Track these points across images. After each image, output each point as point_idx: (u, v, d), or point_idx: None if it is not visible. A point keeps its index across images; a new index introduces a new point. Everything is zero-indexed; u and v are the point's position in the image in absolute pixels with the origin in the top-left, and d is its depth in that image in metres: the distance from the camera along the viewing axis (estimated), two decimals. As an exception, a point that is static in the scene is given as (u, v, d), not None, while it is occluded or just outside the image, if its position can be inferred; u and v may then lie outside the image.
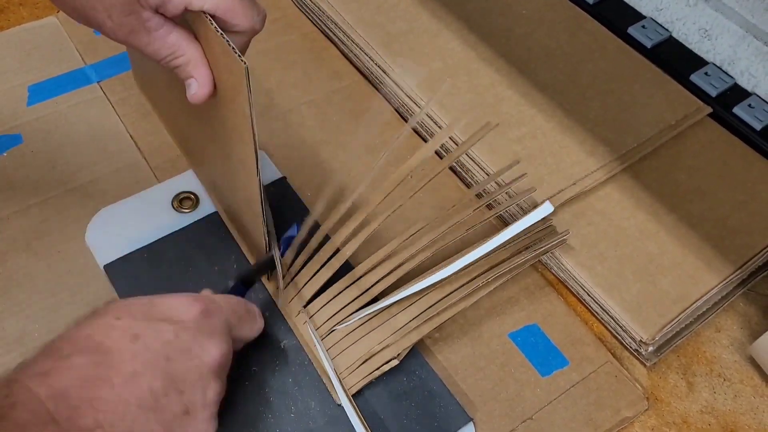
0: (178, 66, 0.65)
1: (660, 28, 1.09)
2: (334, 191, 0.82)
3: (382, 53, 1.01)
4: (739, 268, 0.84)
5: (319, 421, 0.72)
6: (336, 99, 1.01)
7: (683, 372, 0.80)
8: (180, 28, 0.64)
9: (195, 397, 0.59)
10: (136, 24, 0.61)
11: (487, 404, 0.76)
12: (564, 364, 0.79)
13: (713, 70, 1.04)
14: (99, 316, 0.60)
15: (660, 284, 0.82)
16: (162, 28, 0.62)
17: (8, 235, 0.83)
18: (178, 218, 0.85)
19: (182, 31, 0.64)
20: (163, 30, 0.62)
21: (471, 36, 1.05)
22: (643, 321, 0.79)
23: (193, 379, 0.60)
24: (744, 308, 0.85)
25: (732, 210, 0.89)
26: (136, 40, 0.63)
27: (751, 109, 0.99)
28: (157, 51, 0.63)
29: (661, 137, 0.94)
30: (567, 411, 0.76)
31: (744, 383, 0.79)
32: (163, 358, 0.58)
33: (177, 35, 0.63)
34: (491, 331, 0.81)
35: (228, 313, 0.67)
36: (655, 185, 0.90)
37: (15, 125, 0.93)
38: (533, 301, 0.84)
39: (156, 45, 0.63)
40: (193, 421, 0.59)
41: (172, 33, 0.63)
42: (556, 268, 0.85)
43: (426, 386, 0.75)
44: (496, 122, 0.83)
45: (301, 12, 1.12)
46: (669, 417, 0.76)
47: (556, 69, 1.02)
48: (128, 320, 0.59)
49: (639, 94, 0.99)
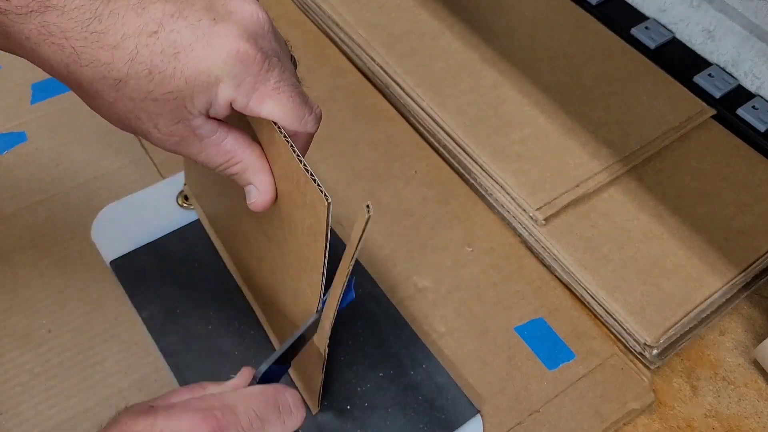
0: (236, 173, 0.59)
1: (663, 30, 1.09)
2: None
3: (384, 54, 1.01)
4: (743, 270, 0.84)
5: None
6: (339, 95, 1.01)
7: (687, 375, 0.80)
8: (236, 131, 0.58)
9: None
10: (186, 132, 0.56)
11: (494, 397, 0.76)
12: (570, 357, 0.80)
13: (717, 71, 1.04)
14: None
15: (664, 287, 0.82)
16: (215, 134, 0.57)
17: (14, 232, 0.83)
18: (182, 214, 0.85)
19: (238, 134, 0.58)
20: (216, 136, 0.57)
21: (474, 37, 1.05)
22: (647, 324, 0.80)
23: None
24: (748, 311, 0.85)
25: (736, 212, 0.89)
26: (187, 149, 0.57)
27: (755, 111, 0.99)
28: (211, 158, 0.58)
29: (664, 139, 0.95)
30: (574, 404, 0.77)
31: (748, 387, 0.79)
32: None
33: (232, 140, 0.58)
34: (498, 325, 0.81)
35: (250, 419, 0.56)
36: (658, 187, 0.91)
37: (19, 123, 0.93)
38: (539, 295, 0.84)
39: (209, 152, 0.58)
40: None
41: (227, 138, 0.57)
42: (560, 271, 0.85)
43: (433, 379, 0.76)
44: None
45: (302, 12, 1.12)
46: (673, 421, 0.77)
47: (559, 70, 1.02)
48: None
49: (642, 95, 0.99)
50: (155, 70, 0.51)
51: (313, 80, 1.02)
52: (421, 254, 0.86)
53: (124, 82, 0.52)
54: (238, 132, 0.58)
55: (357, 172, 0.92)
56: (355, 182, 0.91)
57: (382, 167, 0.93)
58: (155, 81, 0.52)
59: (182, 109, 0.54)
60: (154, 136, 0.56)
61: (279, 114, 0.55)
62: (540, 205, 0.86)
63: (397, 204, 0.89)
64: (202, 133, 0.56)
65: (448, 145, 0.93)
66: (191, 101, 0.53)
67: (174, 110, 0.53)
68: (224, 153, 0.57)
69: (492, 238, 0.87)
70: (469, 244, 0.87)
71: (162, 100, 0.53)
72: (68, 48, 0.51)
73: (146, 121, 0.54)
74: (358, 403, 0.74)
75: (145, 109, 0.54)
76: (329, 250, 0.57)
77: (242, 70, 0.53)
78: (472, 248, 0.86)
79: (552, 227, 0.86)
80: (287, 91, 0.55)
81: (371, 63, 1.01)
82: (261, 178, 0.59)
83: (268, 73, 0.54)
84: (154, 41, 0.51)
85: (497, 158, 0.90)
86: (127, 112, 0.54)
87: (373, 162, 0.93)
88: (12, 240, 0.83)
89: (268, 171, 0.59)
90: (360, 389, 0.75)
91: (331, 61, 1.05)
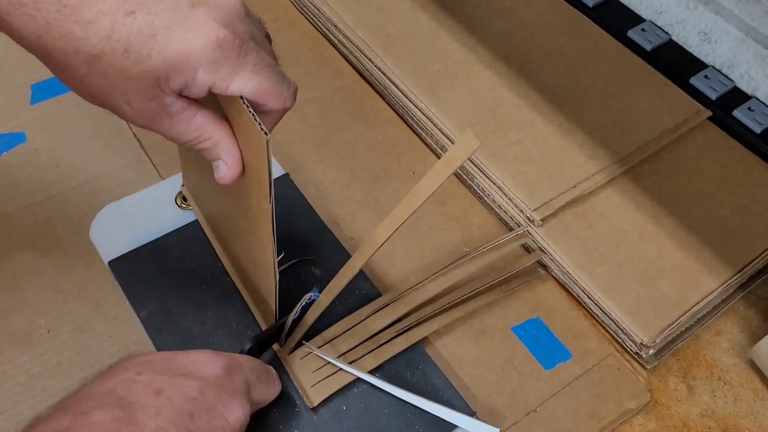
0: (206, 149, 0.61)
1: (660, 31, 1.09)
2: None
3: (382, 55, 1.01)
4: (739, 271, 0.84)
5: None
6: (338, 97, 1.01)
7: (683, 375, 0.80)
8: (205, 109, 0.59)
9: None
10: (158, 109, 0.57)
11: (490, 397, 0.76)
12: (567, 357, 0.80)
13: (713, 73, 1.04)
14: (119, 372, 0.59)
15: (660, 287, 0.83)
16: (185, 111, 0.58)
17: (13, 232, 0.83)
18: (181, 215, 0.85)
19: (207, 112, 0.59)
20: (187, 113, 0.58)
21: (471, 38, 1.05)
22: (644, 324, 0.80)
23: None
24: (744, 311, 0.85)
25: (732, 213, 0.89)
26: (158, 125, 0.58)
27: (751, 113, 0.99)
28: (181, 134, 0.59)
29: (661, 140, 0.95)
30: (570, 403, 0.77)
31: (744, 387, 0.80)
32: (188, 415, 0.57)
33: (202, 117, 0.59)
34: (494, 325, 0.82)
35: (248, 372, 0.66)
36: (655, 188, 0.91)
37: (18, 123, 0.93)
38: (536, 295, 0.85)
39: (179, 129, 0.59)
40: None
41: (196, 115, 0.59)
42: (557, 271, 0.85)
43: (429, 380, 0.76)
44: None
45: (301, 14, 1.12)
46: (669, 420, 0.77)
47: (556, 72, 1.02)
48: (150, 375, 0.58)
49: (639, 97, 0.99)
50: (131, 48, 0.52)
51: (312, 82, 1.03)
52: (419, 255, 0.86)
53: (98, 58, 0.52)
54: (208, 109, 0.59)
55: (355, 173, 0.92)
56: (353, 183, 0.91)
57: (380, 168, 0.93)
58: (131, 59, 0.52)
59: (156, 88, 0.55)
60: (126, 111, 0.57)
61: (258, 94, 0.57)
62: (537, 206, 0.87)
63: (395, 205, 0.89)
64: (173, 111, 0.57)
65: (446, 146, 0.93)
66: (166, 81, 0.54)
67: (147, 88, 0.54)
68: (194, 129, 0.59)
69: (489, 239, 0.87)
70: (467, 244, 0.87)
71: (136, 78, 0.54)
72: (41, 20, 0.51)
73: (118, 97, 0.55)
74: (354, 404, 0.74)
75: (119, 86, 0.54)
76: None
77: (221, 55, 0.54)
78: (469, 248, 0.86)
79: (549, 228, 0.86)
80: (265, 72, 0.57)
81: (369, 65, 1.02)
82: (229, 153, 0.61)
83: (247, 57, 0.55)
84: (132, 21, 0.52)
85: (495, 159, 0.91)
86: (99, 87, 0.55)
87: (371, 163, 0.93)
88: (11, 240, 0.83)
89: (236, 146, 0.61)
90: (356, 390, 0.75)
91: (329, 63, 1.06)
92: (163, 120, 0.58)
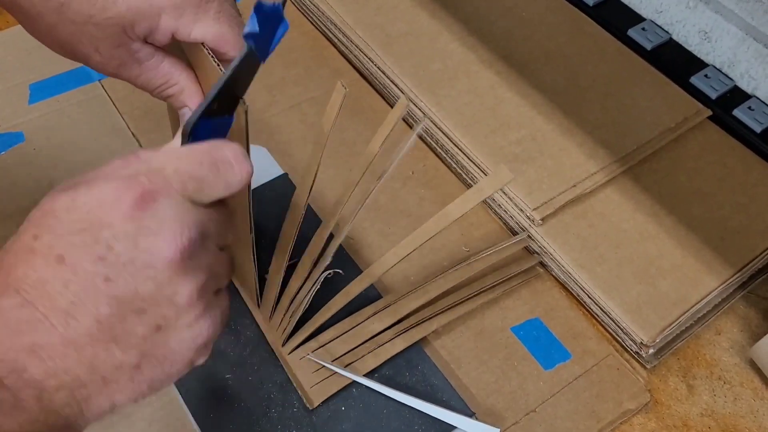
0: (172, 95, 0.62)
1: (660, 31, 1.09)
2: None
3: (382, 54, 1.01)
4: (739, 270, 0.84)
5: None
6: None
7: (683, 375, 0.80)
8: (172, 57, 0.61)
9: (162, 310, 0.49)
10: (126, 56, 0.59)
11: (490, 397, 0.76)
12: (566, 358, 0.80)
13: (713, 72, 1.04)
14: (17, 238, 0.49)
15: (660, 286, 0.83)
16: (153, 58, 0.60)
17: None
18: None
19: (174, 59, 0.61)
20: (154, 59, 0.60)
21: (471, 38, 1.05)
22: (644, 323, 0.80)
23: (149, 292, 0.48)
24: (744, 311, 0.85)
25: (732, 212, 0.89)
26: (127, 73, 0.60)
27: (751, 112, 0.99)
28: (149, 81, 0.61)
29: (661, 140, 0.95)
30: (570, 404, 0.77)
31: (744, 386, 0.79)
32: (102, 280, 0.46)
33: (169, 64, 0.61)
34: (494, 325, 0.82)
35: (182, 181, 0.50)
36: (655, 187, 0.91)
37: (16, 124, 0.93)
38: (535, 295, 0.85)
39: (148, 75, 0.61)
40: (174, 333, 0.50)
41: (163, 62, 0.61)
42: (557, 270, 0.85)
43: (428, 381, 0.76)
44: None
45: (300, 13, 1.12)
46: (669, 420, 0.77)
47: (556, 71, 1.02)
48: (48, 237, 0.47)
49: (639, 96, 0.99)
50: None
51: (312, 81, 1.02)
52: (419, 255, 0.86)
53: (66, 5, 0.54)
54: (174, 57, 0.61)
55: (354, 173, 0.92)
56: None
57: (379, 168, 0.93)
58: (98, 6, 0.55)
59: (122, 34, 0.57)
60: (95, 59, 0.59)
61: (219, 41, 0.58)
62: (537, 205, 0.86)
63: (394, 204, 0.89)
64: (141, 57, 0.59)
65: (445, 145, 0.93)
66: (131, 28, 0.56)
67: (114, 35, 0.56)
68: (162, 75, 0.61)
69: (489, 239, 0.87)
70: (466, 244, 0.87)
71: (103, 25, 0.56)
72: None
73: (87, 45, 0.57)
74: (353, 404, 0.74)
75: (87, 33, 0.56)
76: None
77: (184, 1, 0.56)
78: (468, 249, 0.86)
79: (549, 227, 0.86)
80: (226, 21, 0.58)
81: (369, 64, 1.02)
82: (194, 100, 0.62)
83: (208, 4, 0.57)
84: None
85: (494, 159, 0.90)
86: (68, 36, 0.57)
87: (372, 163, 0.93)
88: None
89: (200, 93, 0.63)
90: (355, 390, 0.75)
91: (329, 62, 1.05)
92: (131, 67, 0.60)
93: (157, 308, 0.48)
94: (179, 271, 0.49)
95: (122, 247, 0.47)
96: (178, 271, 0.48)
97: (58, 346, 0.45)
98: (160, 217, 0.48)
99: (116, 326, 0.47)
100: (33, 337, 0.45)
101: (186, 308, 0.49)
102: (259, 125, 0.96)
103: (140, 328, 0.48)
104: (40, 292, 0.46)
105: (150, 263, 0.47)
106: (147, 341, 0.48)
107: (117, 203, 0.47)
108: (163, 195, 0.48)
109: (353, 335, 0.77)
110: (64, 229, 0.47)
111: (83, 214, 0.47)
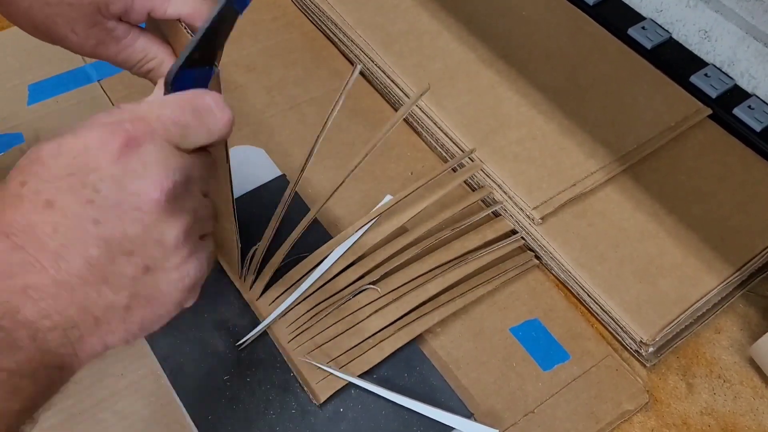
0: (152, 69, 0.63)
1: (660, 30, 1.09)
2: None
3: (383, 54, 1.01)
4: (738, 269, 0.84)
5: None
6: (336, 96, 1.00)
7: (683, 373, 0.80)
8: (147, 33, 0.63)
9: (150, 251, 0.50)
10: (102, 34, 0.60)
11: (488, 398, 0.76)
12: (565, 358, 0.80)
13: (713, 71, 1.04)
14: (5, 186, 0.49)
15: (660, 285, 0.82)
16: (129, 35, 0.61)
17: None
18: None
19: (150, 35, 0.63)
20: (131, 36, 0.61)
21: (471, 37, 1.05)
22: (643, 322, 0.80)
23: (137, 233, 0.49)
24: (744, 309, 0.85)
25: (732, 211, 0.89)
26: (105, 51, 0.61)
27: (751, 111, 0.99)
28: (128, 58, 0.62)
29: (661, 139, 0.95)
30: (568, 404, 0.77)
31: (744, 384, 0.79)
32: (90, 223, 0.48)
33: (145, 39, 0.62)
34: (493, 326, 0.82)
35: (166, 126, 0.51)
36: (655, 186, 0.91)
37: (15, 124, 0.93)
38: (534, 296, 0.84)
39: (126, 52, 0.62)
40: (162, 274, 0.51)
41: (140, 38, 0.62)
42: (557, 269, 0.85)
43: (426, 381, 0.76)
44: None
45: (301, 12, 1.12)
46: (669, 418, 0.77)
47: (556, 70, 1.02)
48: (35, 183, 0.48)
49: (639, 95, 0.99)
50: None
51: (311, 82, 1.02)
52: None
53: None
54: (150, 33, 0.63)
55: (354, 173, 0.92)
56: (352, 183, 0.91)
57: (378, 169, 0.93)
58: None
59: (97, 14, 0.58)
60: (73, 40, 0.59)
61: (195, 16, 0.59)
62: (537, 204, 0.86)
63: (394, 204, 0.89)
64: (118, 35, 0.60)
65: (446, 144, 0.93)
66: (106, 7, 0.57)
67: (89, 14, 0.57)
68: (140, 50, 0.62)
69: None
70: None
71: (78, 5, 0.57)
72: None
73: (63, 26, 0.58)
74: (352, 405, 0.74)
75: (62, 14, 0.57)
76: None
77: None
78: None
79: (549, 226, 0.86)
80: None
81: (369, 63, 1.02)
82: None
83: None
84: None
85: (494, 158, 0.90)
86: (44, 18, 0.58)
87: (370, 163, 0.93)
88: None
89: None
90: (353, 391, 0.75)
91: (328, 63, 1.05)
92: (109, 46, 0.60)
93: (145, 249, 0.49)
94: (165, 213, 0.50)
95: (109, 190, 0.48)
96: (164, 213, 0.50)
97: (50, 287, 0.46)
98: (145, 161, 0.49)
99: (106, 267, 0.48)
100: (25, 279, 0.46)
101: (173, 250, 0.51)
102: (257, 126, 0.96)
103: (129, 269, 0.49)
104: (30, 236, 0.47)
105: (137, 205, 0.48)
106: (136, 282, 0.50)
107: (103, 148, 0.48)
108: (147, 140, 0.49)
109: (349, 336, 0.77)
110: (50, 175, 0.48)
111: (70, 159, 0.48)
